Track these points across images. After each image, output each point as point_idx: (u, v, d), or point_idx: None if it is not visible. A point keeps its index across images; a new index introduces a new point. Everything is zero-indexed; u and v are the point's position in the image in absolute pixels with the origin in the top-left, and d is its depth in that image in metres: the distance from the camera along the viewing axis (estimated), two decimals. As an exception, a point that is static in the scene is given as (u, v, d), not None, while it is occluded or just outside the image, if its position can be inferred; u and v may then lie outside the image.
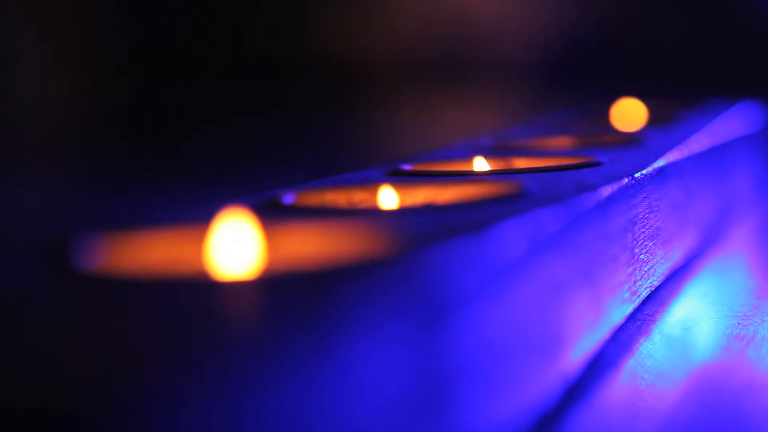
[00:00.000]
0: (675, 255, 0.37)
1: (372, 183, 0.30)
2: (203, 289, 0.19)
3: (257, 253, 0.23)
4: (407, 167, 0.33)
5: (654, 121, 0.51)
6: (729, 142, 0.49)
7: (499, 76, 1.98)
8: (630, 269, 0.31)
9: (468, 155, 0.36)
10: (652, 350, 0.30)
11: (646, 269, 0.33)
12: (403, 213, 0.28)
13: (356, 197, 0.30)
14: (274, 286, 0.18)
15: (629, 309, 0.31)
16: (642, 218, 0.33)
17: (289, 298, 0.17)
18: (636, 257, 0.32)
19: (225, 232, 0.23)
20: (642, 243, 0.33)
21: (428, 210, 0.27)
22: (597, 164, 0.33)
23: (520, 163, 0.36)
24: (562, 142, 0.43)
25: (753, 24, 1.86)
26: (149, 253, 0.23)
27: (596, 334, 0.28)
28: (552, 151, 0.39)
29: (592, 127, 0.51)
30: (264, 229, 0.23)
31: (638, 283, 0.32)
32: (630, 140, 0.41)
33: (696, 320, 0.34)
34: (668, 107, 0.55)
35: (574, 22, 1.99)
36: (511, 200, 0.26)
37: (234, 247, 0.23)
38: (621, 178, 0.30)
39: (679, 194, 0.38)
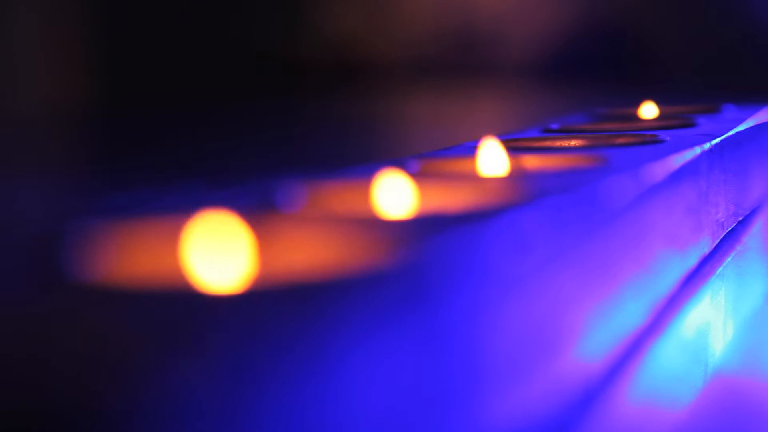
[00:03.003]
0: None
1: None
2: (193, 301, 0.18)
3: (250, 261, 0.22)
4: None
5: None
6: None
7: (509, 76, 1.97)
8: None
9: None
10: (668, 355, 0.30)
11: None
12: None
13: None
14: (265, 298, 0.18)
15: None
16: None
17: (282, 310, 0.16)
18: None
19: (216, 237, 0.22)
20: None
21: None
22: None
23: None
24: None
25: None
26: (151, 247, 0.22)
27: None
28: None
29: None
30: (261, 235, 0.23)
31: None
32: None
33: (712, 324, 0.33)
34: (689, 112, 0.56)
35: (588, 23, 1.98)
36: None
37: (225, 251, 0.22)
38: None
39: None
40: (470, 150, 0.33)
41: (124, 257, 0.22)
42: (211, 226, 0.22)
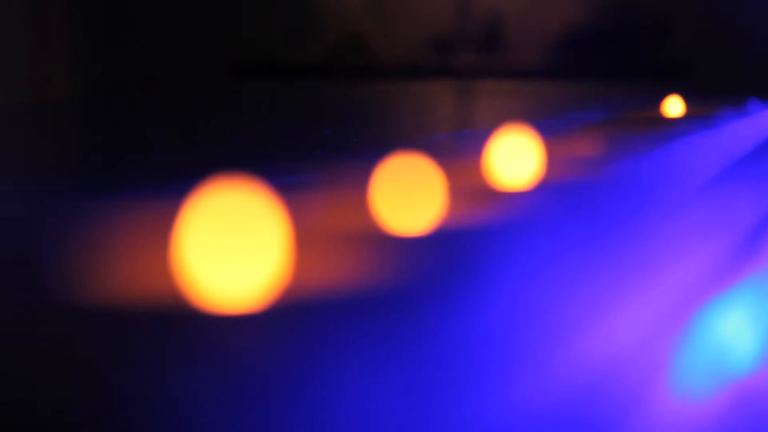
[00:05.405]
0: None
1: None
2: (183, 320, 0.17)
3: (251, 277, 0.20)
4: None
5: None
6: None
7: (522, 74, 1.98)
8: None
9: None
10: (693, 362, 0.29)
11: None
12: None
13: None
14: (266, 317, 0.17)
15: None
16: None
17: (283, 328, 0.16)
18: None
19: (213, 246, 0.20)
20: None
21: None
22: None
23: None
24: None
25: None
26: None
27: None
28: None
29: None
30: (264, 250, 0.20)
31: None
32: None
33: (737, 332, 0.33)
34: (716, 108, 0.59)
35: (602, 21, 1.98)
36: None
37: (223, 264, 0.20)
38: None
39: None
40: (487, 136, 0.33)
41: (119, 260, 0.20)
42: (209, 233, 0.20)
